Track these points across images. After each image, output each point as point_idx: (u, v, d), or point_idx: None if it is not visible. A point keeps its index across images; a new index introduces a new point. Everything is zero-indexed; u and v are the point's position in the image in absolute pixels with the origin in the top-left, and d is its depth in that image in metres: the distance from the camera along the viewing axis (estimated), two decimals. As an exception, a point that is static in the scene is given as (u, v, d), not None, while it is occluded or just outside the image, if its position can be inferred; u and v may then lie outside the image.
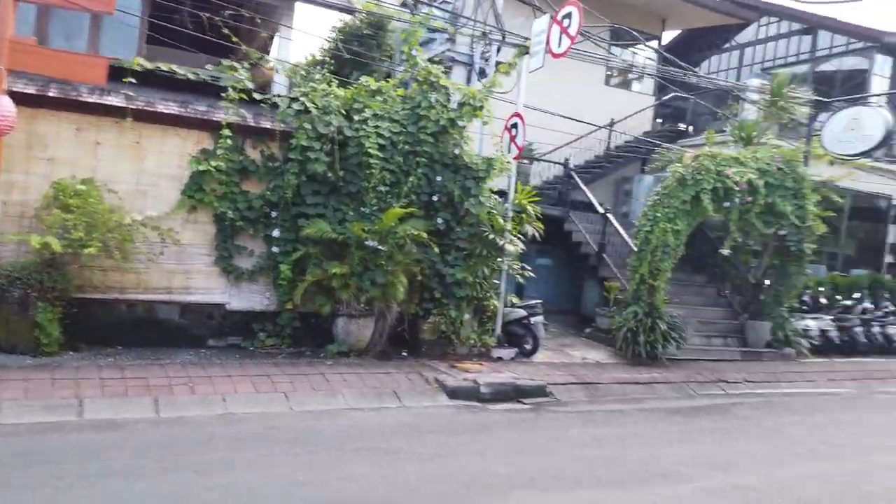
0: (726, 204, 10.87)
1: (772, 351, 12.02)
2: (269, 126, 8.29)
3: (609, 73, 17.11)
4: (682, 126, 17.21)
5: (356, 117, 8.29)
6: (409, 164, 8.57)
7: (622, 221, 13.16)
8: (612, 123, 15.28)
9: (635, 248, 11.00)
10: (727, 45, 21.32)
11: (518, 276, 9.71)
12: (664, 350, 10.39)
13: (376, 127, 8.28)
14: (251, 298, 8.57)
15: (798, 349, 12.26)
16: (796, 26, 19.08)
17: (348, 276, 8.14)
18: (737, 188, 10.68)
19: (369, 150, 8.13)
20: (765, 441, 6.98)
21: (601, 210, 12.56)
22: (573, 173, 13.59)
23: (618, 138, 16.01)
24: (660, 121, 18.23)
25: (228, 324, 8.50)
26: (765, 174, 11.05)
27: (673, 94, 15.74)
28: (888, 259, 17.48)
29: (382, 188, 8.37)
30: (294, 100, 8.11)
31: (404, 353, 8.92)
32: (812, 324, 13.00)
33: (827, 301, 14.75)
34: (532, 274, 9.98)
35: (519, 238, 9.58)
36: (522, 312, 9.61)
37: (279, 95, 8.34)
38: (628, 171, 16.55)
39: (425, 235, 8.31)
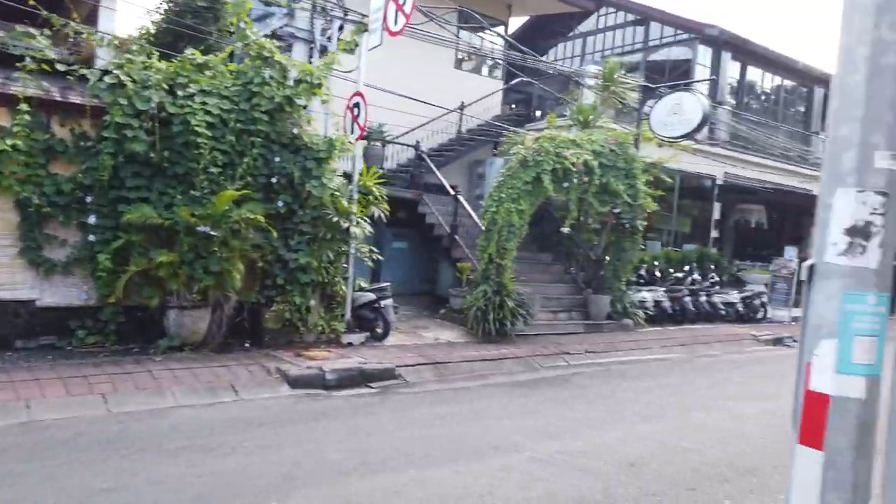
0: (565, 184, 11.35)
1: (612, 322, 12.78)
2: (79, 101, 7.46)
3: (462, 57, 17.32)
4: (529, 110, 17.80)
5: (180, 93, 7.67)
6: (244, 143, 8.09)
7: (476, 203, 13.39)
8: (462, 107, 15.47)
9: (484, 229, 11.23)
10: (571, 34, 22.34)
11: (367, 259, 9.54)
12: (513, 327, 10.70)
13: (203, 104, 7.71)
14: (66, 293, 7.72)
15: (635, 319, 13.14)
16: (631, 17, 20.36)
17: (178, 265, 7.56)
18: (574, 169, 11.17)
19: (196, 129, 7.56)
20: (598, 407, 7.35)
21: (452, 192, 12.67)
22: (424, 156, 13.59)
23: (470, 122, 16.25)
24: (514, 106, 18.77)
25: (40, 322, 7.61)
26: (599, 155, 11.66)
27: (519, 79, 16.23)
28: (714, 234, 19.23)
29: (214, 169, 7.83)
30: (106, 72, 7.35)
31: (247, 345, 8.48)
32: (647, 296, 13.99)
33: (661, 274, 15.98)
34: (380, 257, 9.87)
35: (367, 221, 9.41)
36: (372, 296, 9.45)
37: (89, 68, 7.52)
38: (481, 154, 16.89)
39: (263, 219, 7.90)
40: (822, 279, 1.70)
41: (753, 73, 19.98)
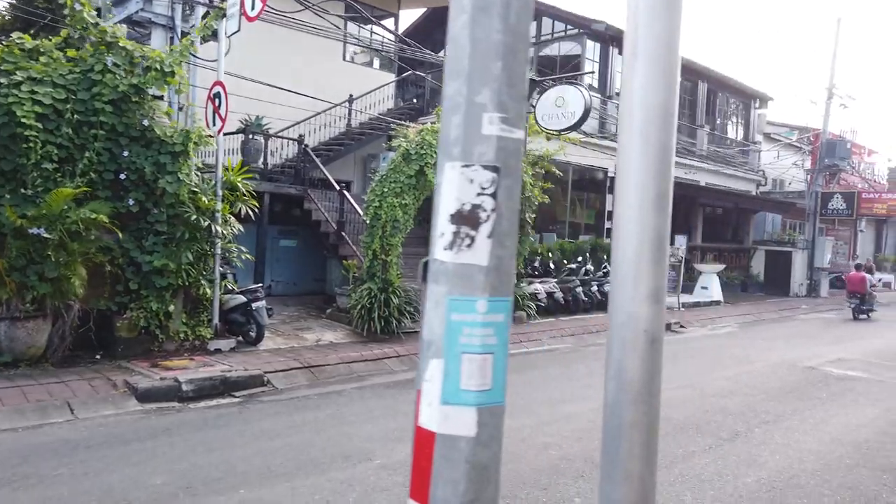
0: (452, 177, 11.15)
1: (504, 315, 12.73)
2: None
3: (355, 51, 16.86)
4: (425, 104, 17.54)
5: (4, 80, 6.87)
6: (85, 137, 7.36)
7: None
8: (351, 100, 15.02)
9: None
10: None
11: (237, 259, 8.99)
12: (399, 325, 10.42)
13: (33, 92, 6.94)
14: None
15: (528, 312, 13.16)
16: (525, 12, 20.46)
17: (6, 272, 6.78)
18: (459, 161, 10.99)
19: (24, 121, 6.79)
20: (472, 404, 7.16)
21: (337, 187, 12.23)
22: (309, 150, 13.07)
23: (362, 115, 15.82)
24: (415, 100, 18.44)
25: None
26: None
27: (409, 72, 15.97)
28: (608, 225, 19.67)
29: (48, 165, 7.08)
30: None
31: (98, 357, 7.76)
32: (540, 287, 14.07)
33: (555, 266, 16.18)
34: (249, 256, 9.33)
35: (234, 218, 8.85)
36: (242, 299, 8.91)
37: None
38: (375, 148, 16.51)
39: (106, 219, 7.22)
40: (431, 281, 1.31)
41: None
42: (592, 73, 16.68)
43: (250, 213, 8.92)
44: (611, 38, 18.69)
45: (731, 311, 17.66)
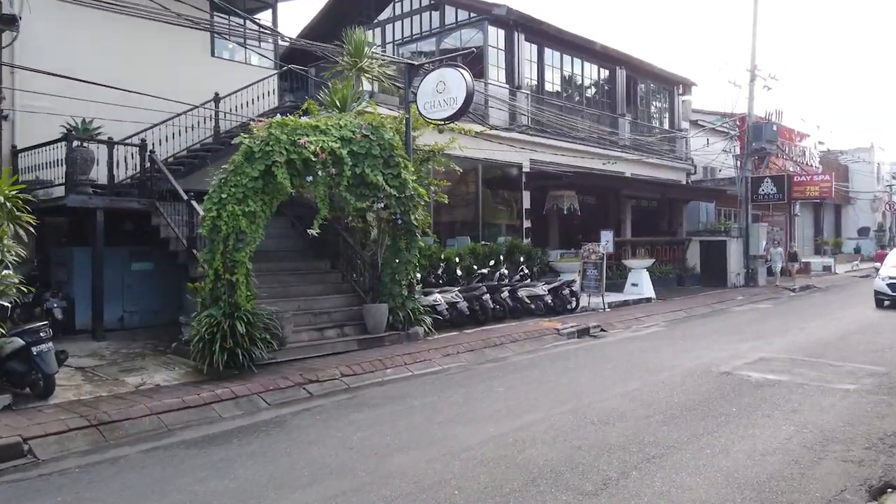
0: (309, 178, 9.55)
1: (396, 333, 11.13)
2: None
3: (232, 46, 15.10)
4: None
5: None
6: None
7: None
8: (217, 99, 13.25)
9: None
10: (375, 23, 20.72)
11: (12, 292, 7.16)
12: (250, 356, 8.72)
13: None
14: None
15: (426, 327, 11.60)
16: (426, 1, 19.07)
17: None
18: (315, 159, 9.39)
19: None
20: (282, 465, 5.52)
21: (185, 197, 10.47)
22: (155, 157, 11.27)
23: (237, 116, 14.04)
24: (311, 97, 16.71)
25: None
26: (350, 142, 9.97)
27: (286, 66, 14.33)
28: (527, 224, 18.29)
29: None
30: None
31: None
32: (440, 298, 12.52)
33: (466, 272, 14.66)
34: (26, 288, 7.51)
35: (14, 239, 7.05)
36: (20, 342, 7.07)
37: None
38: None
39: None
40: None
41: (553, 57, 19.31)
42: (473, 51, 15.02)
43: (22, 233, 7.10)
44: (515, 24, 17.38)
45: (661, 309, 16.43)
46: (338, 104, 11.17)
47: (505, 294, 14.06)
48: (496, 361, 10.31)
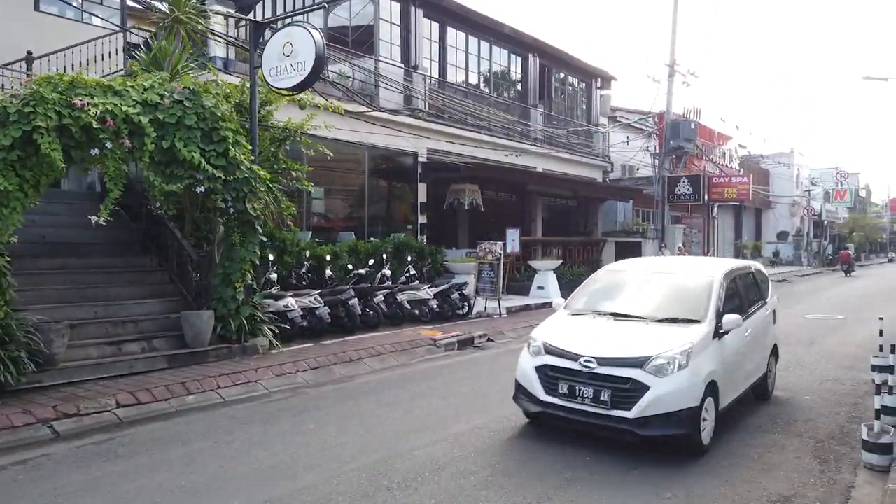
0: (94, 150, 7.47)
1: (226, 347, 9.14)
2: None
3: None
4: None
5: None
6: None
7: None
8: (30, 59, 10.91)
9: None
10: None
11: None
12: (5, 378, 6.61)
13: None
14: None
15: (269, 338, 9.66)
16: (315, -30, 17.06)
17: None
18: (98, 126, 7.32)
19: None
20: None
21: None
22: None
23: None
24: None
25: None
26: (155, 108, 7.94)
27: (132, 26, 12.12)
28: (422, 219, 16.55)
29: None
30: None
31: None
32: (293, 303, 10.57)
33: (340, 272, 12.78)
34: None
35: None
36: None
37: None
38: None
39: None
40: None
41: (457, 38, 17.64)
42: (325, 5, 13.01)
43: None
44: (411, -3, 15.61)
45: (563, 315, 14.93)
46: (153, 64, 9.08)
47: (379, 298, 12.25)
48: (339, 382, 8.50)
